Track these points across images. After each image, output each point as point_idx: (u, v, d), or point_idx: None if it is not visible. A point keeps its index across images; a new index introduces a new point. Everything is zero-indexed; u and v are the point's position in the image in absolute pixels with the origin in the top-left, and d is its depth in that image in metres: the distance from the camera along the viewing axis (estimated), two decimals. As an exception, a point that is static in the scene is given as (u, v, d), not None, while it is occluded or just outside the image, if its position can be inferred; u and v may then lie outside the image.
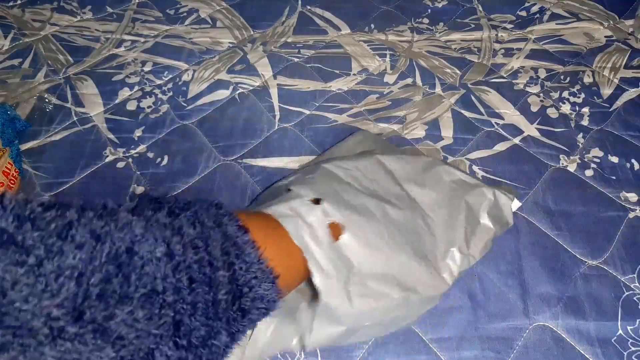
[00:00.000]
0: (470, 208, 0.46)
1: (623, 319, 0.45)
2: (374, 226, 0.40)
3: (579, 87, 0.66)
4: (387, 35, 0.75)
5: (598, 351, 0.44)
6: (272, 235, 0.34)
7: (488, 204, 0.47)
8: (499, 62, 0.70)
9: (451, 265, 0.43)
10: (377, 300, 0.38)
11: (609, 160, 0.58)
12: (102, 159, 0.58)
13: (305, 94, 0.65)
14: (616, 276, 0.48)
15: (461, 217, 0.46)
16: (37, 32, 0.73)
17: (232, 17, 0.77)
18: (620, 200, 0.54)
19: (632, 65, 0.69)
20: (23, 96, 0.64)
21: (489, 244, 0.46)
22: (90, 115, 0.63)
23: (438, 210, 0.46)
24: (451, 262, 0.43)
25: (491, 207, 0.47)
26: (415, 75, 0.68)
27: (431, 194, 0.46)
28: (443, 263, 0.43)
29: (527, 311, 0.46)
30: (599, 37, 0.73)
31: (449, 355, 0.44)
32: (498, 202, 0.48)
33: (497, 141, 0.60)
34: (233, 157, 0.59)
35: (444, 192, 0.47)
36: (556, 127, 0.61)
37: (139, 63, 0.69)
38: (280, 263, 0.32)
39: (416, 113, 0.63)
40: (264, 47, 0.72)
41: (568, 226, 0.52)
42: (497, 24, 0.76)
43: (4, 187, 0.52)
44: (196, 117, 0.63)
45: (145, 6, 0.79)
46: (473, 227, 0.46)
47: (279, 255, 0.32)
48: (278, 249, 0.33)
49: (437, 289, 0.42)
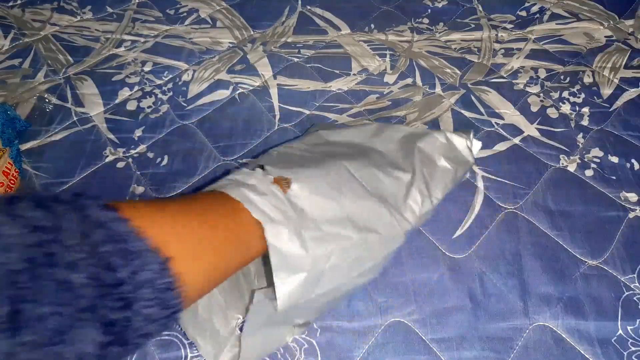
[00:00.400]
0: (423, 152, 0.48)
1: (623, 319, 0.45)
2: (324, 175, 0.41)
3: (579, 87, 0.66)
4: (387, 35, 0.75)
5: (598, 351, 0.44)
6: (208, 214, 0.32)
7: (441, 146, 0.49)
8: (499, 62, 0.70)
9: (412, 205, 0.44)
10: (332, 242, 0.38)
11: (609, 160, 0.58)
12: (102, 159, 0.58)
13: (305, 94, 0.65)
14: (616, 276, 0.48)
15: (416, 161, 0.47)
16: (37, 32, 0.73)
17: (232, 17, 0.77)
18: (620, 200, 0.54)
19: (632, 65, 0.68)
20: (23, 96, 0.64)
21: (449, 185, 0.48)
22: (90, 115, 0.63)
23: (392, 155, 0.47)
24: (412, 202, 0.44)
25: (446, 149, 0.49)
26: (415, 75, 0.68)
27: (384, 143, 0.48)
28: (404, 204, 0.44)
29: (527, 311, 0.46)
30: (599, 37, 0.73)
31: (449, 355, 0.44)
32: (452, 143, 0.50)
33: (497, 141, 0.60)
34: (233, 157, 0.59)
35: (396, 146, 0.49)
36: (556, 127, 0.61)
37: (139, 63, 0.69)
38: (212, 241, 0.31)
39: (416, 113, 0.63)
40: (264, 47, 0.72)
41: (568, 226, 0.52)
42: (497, 24, 0.76)
43: (4, 187, 0.52)
44: (196, 117, 0.63)
45: (145, 6, 0.79)
46: (431, 169, 0.47)
47: (211, 234, 0.31)
48: (210, 228, 0.31)
49: (399, 228, 0.42)
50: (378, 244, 0.41)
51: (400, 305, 0.47)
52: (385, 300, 0.47)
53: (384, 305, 0.47)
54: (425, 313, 0.46)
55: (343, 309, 0.46)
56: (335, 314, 0.46)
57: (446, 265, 0.49)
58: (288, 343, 0.44)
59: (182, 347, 0.44)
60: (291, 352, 0.44)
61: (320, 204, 0.39)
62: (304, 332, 0.45)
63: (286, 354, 0.44)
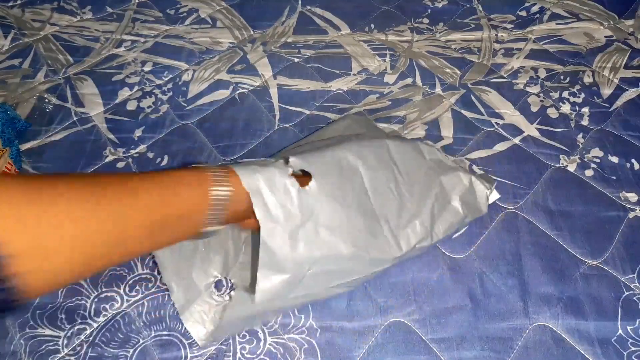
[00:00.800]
0: (443, 188, 0.48)
1: (623, 319, 0.45)
2: (342, 182, 0.41)
3: (579, 87, 0.66)
4: (387, 35, 0.74)
5: (598, 351, 0.44)
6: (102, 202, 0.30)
7: (462, 188, 0.49)
8: (499, 62, 0.70)
9: (410, 235, 0.44)
10: (323, 249, 0.39)
11: (609, 160, 0.58)
12: (102, 159, 0.58)
13: (305, 94, 0.65)
14: (616, 276, 0.48)
15: (432, 194, 0.47)
16: (37, 32, 0.73)
17: (232, 17, 0.77)
18: (620, 200, 0.54)
19: (632, 65, 0.68)
20: (23, 96, 0.64)
21: (454, 226, 0.48)
22: (90, 115, 0.63)
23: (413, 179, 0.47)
24: (411, 232, 0.44)
25: (464, 193, 0.49)
26: (415, 75, 0.68)
27: (411, 163, 0.48)
28: (403, 231, 0.44)
29: (527, 311, 0.46)
30: (599, 37, 0.73)
31: (449, 355, 0.44)
32: (474, 189, 0.49)
33: (497, 141, 0.60)
34: (233, 157, 0.59)
35: (423, 167, 0.48)
36: (556, 127, 0.61)
37: (139, 63, 0.69)
38: None
39: (416, 113, 0.63)
40: (264, 47, 0.72)
41: (568, 226, 0.52)
42: (497, 24, 0.76)
43: (4, 187, 0.52)
44: (196, 117, 0.63)
45: (145, 6, 0.79)
46: (442, 207, 0.47)
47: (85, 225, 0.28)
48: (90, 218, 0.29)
49: (389, 254, 0.43)
50: (364, 264, 0.42)
51: (400, 305, 0.47)
52: (385, 300, 0.47)
53: (384, 305, 0.47)
54: (425, 313, 0.46)
55: (343, 309, 0.47)
56: (335, 313, 0.46)
57: (446, 265, 0.49)
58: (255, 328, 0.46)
59: (182, 348, 0.44)
60: (291, 352, 0.44)
61: (328, 210, 0.39)
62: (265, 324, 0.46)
63: (286, 354, 0.44)
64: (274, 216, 0.37)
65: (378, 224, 0.43)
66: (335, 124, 0.58)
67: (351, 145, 0.44)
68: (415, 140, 0.51)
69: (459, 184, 0.49)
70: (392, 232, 0.43)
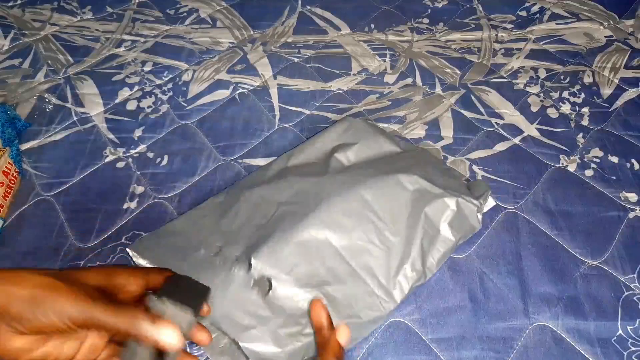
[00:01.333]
0: (429, 219, 0.46)
1: (623, 319, 0.45)
2: (309, 260, 0.42)
3: (579, 87, 0.66)
4: (387, 35, 0.74)
5: (598, 351, 0.44)
6: None
7: (449, 214, 0.47)
8: (499, 62, 0.70)
9: (402, 283, 0.44)
10: (310, 336, 0.40)
11: (609, 160, 0.58)
12: (102, 159, 0.58)
13: (305, 94, 0.65)
14: (616, 276, 0.48)
15: (418, 229, 0.46)
16: (37, 32, 0.73)
17: (232, 17, 0.77)
18: (620, 200, 0.54)
19: (632, 65, 0.69)
20: (23, 96, 0.64)
21: (448, 254, 0.47)
22: (90, 115, 0.63)
23: (397, 219, 0.46)
24: (403, 278, 0.44)
25: (453, 218, 0.47)
26: (415, 75, 0.68)
27: (392, 205, 0.46)
28: (394, 280, 0.44)
29: (527, 311, 0.46)
30: (599, 37, 0.73)
31: (449, 355, 0.44)
32: (462, 210, 0.47)
33: (497, 141, 0.60)
34: (233, 157, 0.59)
35: (406, 204, 0.47)
36: (556, 127, 0.61)
37: (139, 63, 0.69)
38: None
39: (416, 113, 0.63)
40: (264, 47, 0.72)
41: (568, 226, 0.52)
42: (497, 24, 0.76)
43: (4, 187, 0.52)
44: (196, 117, 0.63)
45: (145, 6, 0.79)
46: (431, 239, 0.46)
47: None
48: None
49: (382, 309, 0.43)
50: (358, 329, 0.42)
51: (400, 305, 0.47)
52: (385, 300, 0.47)
53: (384, 305, 0.47)
54: (425, 313, 0.46)
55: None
56: (335, 313, 0.46)
57: (446, 265, 0.49)
58: None
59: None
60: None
61: (300, 298, 0.41)
62: None
63: None
64: (247, 326, 0.39)
65: (364, 284, 0.43)
66: (333, 129, 0.56)
67: (320, 213, 0.44)
68: (396, 174, 0.48)
69: (446, 210, 0.47)
70: (383, 286, 0.43)
